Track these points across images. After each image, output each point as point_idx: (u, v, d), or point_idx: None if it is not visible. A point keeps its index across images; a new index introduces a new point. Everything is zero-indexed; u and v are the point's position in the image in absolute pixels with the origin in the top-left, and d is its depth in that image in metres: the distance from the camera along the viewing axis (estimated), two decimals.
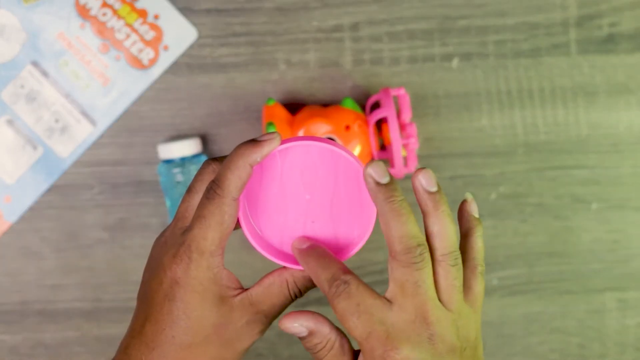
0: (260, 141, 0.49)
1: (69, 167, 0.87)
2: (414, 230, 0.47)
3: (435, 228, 0.48)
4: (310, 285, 0.51)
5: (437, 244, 0.48)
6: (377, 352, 0.46)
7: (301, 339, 0.50)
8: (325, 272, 0.48)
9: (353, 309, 0.47)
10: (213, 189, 0.49)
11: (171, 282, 0.49)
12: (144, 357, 0.50)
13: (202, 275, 0.49)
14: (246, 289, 0.51)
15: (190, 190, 0.51)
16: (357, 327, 0.47)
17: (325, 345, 0.49)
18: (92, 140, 0.87)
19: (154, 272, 0.51)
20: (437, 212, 0.48)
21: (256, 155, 0.48)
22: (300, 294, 0.52)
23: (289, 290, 0.51)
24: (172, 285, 0.49)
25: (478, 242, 0.51)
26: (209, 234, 0.48)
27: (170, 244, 0.50)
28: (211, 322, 0.50)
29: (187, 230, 0.49)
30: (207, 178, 0.51)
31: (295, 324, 0.49)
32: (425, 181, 0.48)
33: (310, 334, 0.50)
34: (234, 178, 0.48)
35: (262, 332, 0.51)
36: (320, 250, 0.50)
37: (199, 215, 0.49)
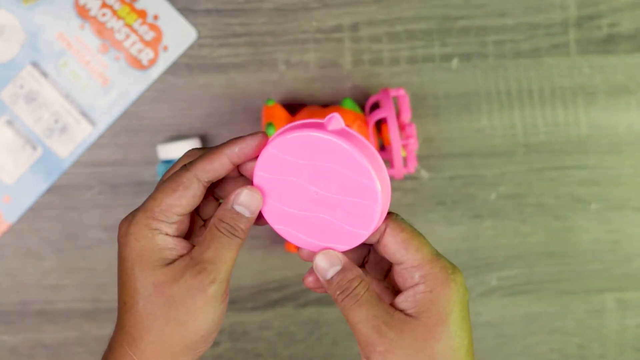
0: (241, 136, 0.50)
1: (68, 167, 0.87)
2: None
3: None
4: (243, 223, 0.49)
5: None
6: (449, 269, 0.49)
7: (330, 281, 0.49)
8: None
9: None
10: (184, 165, 0.50)
11: (119, 247, 0.50)
12: (116, 338, 0.50)
13: (138, 231, 0.49)
14: None
15: (166, 173, 0.53)
16: (429, 245, 0.50)
17: (361, 282, 0.49)
18: (91, 141, 0.87)
19: None
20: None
21: (234, 147, 0.50)
22: (233, 231, 0.49)
23: (217, 227, 0.49)
24: (119, 249, 0.50)
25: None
26: (158, 195, 0.49)
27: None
28: (150, 280, 0.48)
29: None
30: (184, 161, 0.52)
31: (332, 252, 0.50)
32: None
33: (345, 269, 0.49)
34: (205, 160, 0.50)
35: (213, 282, 0.48)
36: None
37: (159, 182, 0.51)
